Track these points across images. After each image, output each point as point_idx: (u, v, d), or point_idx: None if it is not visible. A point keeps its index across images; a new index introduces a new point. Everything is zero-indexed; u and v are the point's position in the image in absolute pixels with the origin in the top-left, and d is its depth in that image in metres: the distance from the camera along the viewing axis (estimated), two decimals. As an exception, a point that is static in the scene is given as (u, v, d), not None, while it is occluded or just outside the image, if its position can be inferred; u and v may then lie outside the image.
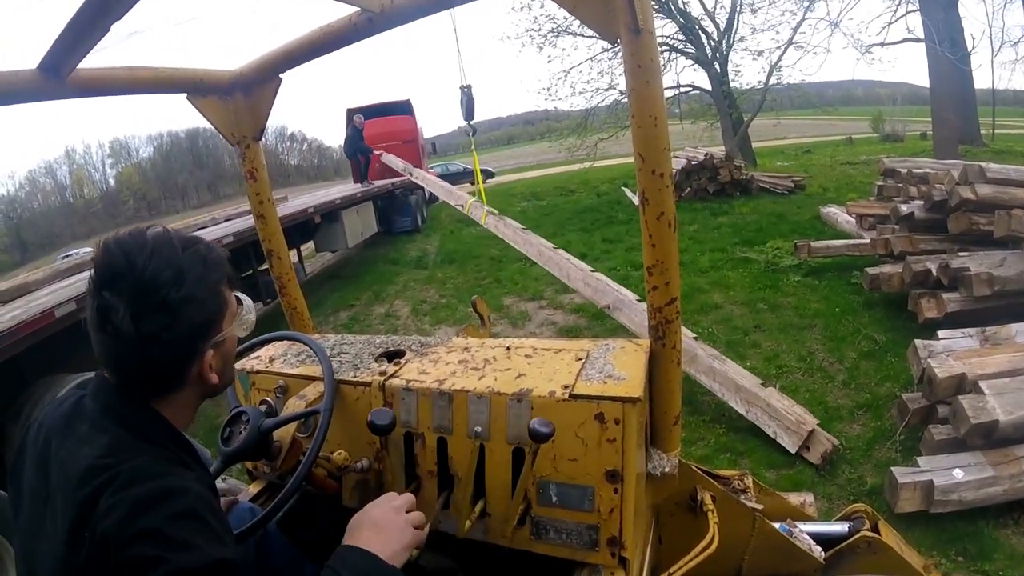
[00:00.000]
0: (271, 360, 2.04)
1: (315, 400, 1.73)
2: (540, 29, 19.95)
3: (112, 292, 1.03)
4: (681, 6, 19.44)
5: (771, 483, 3.40)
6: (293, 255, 11.60)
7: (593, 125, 21.20)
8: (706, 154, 13.49)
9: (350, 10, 1.70)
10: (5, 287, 6.76)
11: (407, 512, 1.23)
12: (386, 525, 1.19)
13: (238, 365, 2.01)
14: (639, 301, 5.49)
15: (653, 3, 18.62)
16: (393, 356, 1.90)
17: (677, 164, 13.52)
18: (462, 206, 6.81)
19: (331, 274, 12.46)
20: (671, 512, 2.01)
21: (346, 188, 14.24)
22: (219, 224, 10.40)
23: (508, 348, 1.81)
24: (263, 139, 2.26)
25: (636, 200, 14.12)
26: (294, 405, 1.74)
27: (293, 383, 1.85)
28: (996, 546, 3.08)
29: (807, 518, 2.57)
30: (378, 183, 14.36)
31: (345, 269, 12.67)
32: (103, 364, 1.10)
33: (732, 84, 19.91)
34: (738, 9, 19.06)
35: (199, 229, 9.73)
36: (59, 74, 1.57)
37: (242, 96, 2.09)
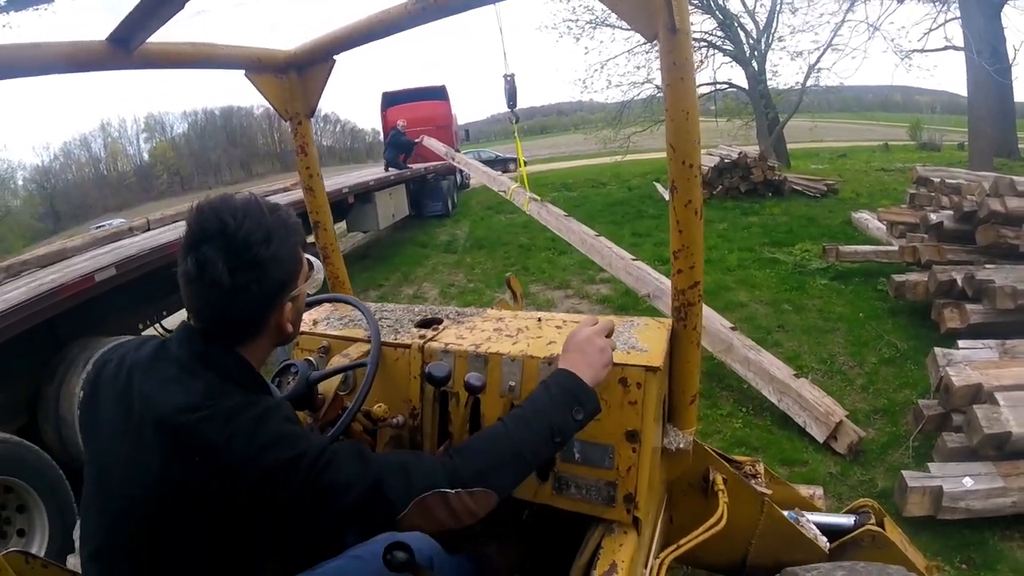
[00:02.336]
0: (315, 323, 2.16)
1: (358, 359, 1.84)
2: (578, 20, 19.78)
3: (211, 248, 1.15)
4: (720, 2, 19.24)
5: (786, 478, 3.46)
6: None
7: (627, 118, 21.02)
8: (740, 152, 13.35)
9: (406, -4, 1.78)
10: (43, 252, 6.94)
11: (606, 336, 1.44)
12: (588, 348, 1.39)
13: None
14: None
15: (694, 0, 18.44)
16: (431, 323, 2.01)
17: (710, 161, 13.47)
18: (504, 192, 6.88)
19: (362, 254, 12.59)
20: (683, 492, 2.10)
21: (379, 171, 14.34)
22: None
23: (539, 320, 1.93)
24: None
25: (667, 195, 14.04)
26: (338, 363, 1.85)
27: (335, 344, 1.98)
28: (1001, 557, 3.10)
29: (815, 509, 2.64)
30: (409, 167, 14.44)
31: (375, 250, 12.80)
32: (194, 313, 1.25)
33: (769, 83, 19.67)
34: (778, 8, 18.82)
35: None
36: (128, 47, 1.66)
37: (296, 75, 2.20)
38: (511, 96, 4.23)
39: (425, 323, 2.02)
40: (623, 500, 1.53)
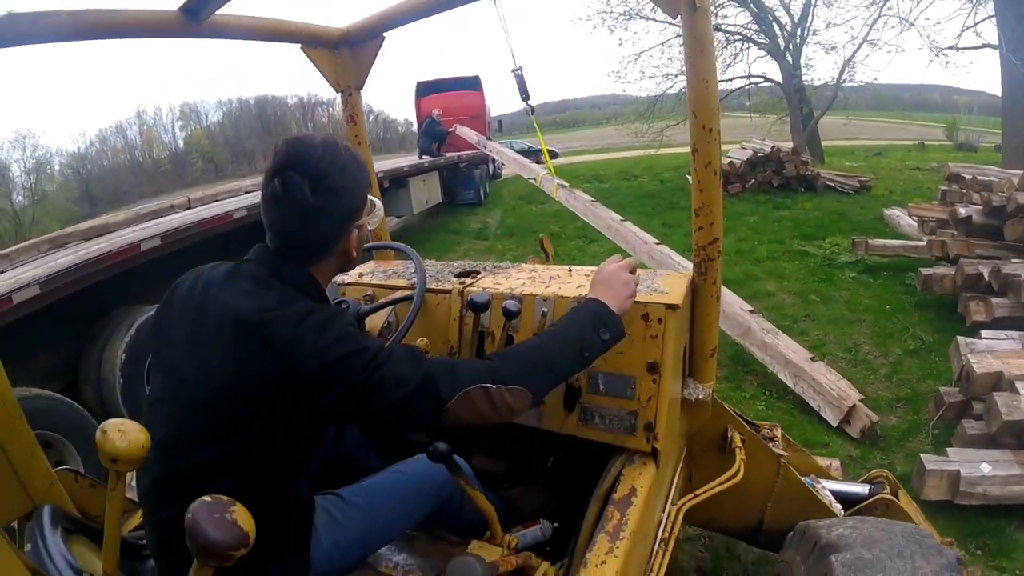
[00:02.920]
0: (360, 275, 2.33)
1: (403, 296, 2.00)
2: (612, 12, 19.50)
3: (296, 172, 1.31)
4: None
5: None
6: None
7: (661, 112, 20.86)
8: (773, 146, 13.21)
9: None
10: (87, 226, 7.17)
11: (629, 272, 1.57)
12: (613, 281, 1.54)
13: (338, 279, 2.33)
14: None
15: None
16: (469, 274, 2.16)
17: (743, 155, 13.40)
18: (535, 179, 7.00)
19: (395, 237, 12.59)
20: (703, 449, 2.21)
21: (413, 159, 14.50)
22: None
23: (570, 270, 2.09)
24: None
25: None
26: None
27: (379, 292, 2.14)
28: (1016, 546, 3.11)
29: (830, 478, 2.73)
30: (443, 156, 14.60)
31: (408, 234, 12.93)
32: (274, 232, 1.39)
33: (804, 78, 19.41)
34: (813, 2, 18.52)
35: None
36: (198, 17, 1.80)
37: (348, 51, 2.35)
38: (523, 89, 4.37)
39: (464, 274, 2.17)
40: (644, 429, 1.65)
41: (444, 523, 1.83)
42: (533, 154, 36.31)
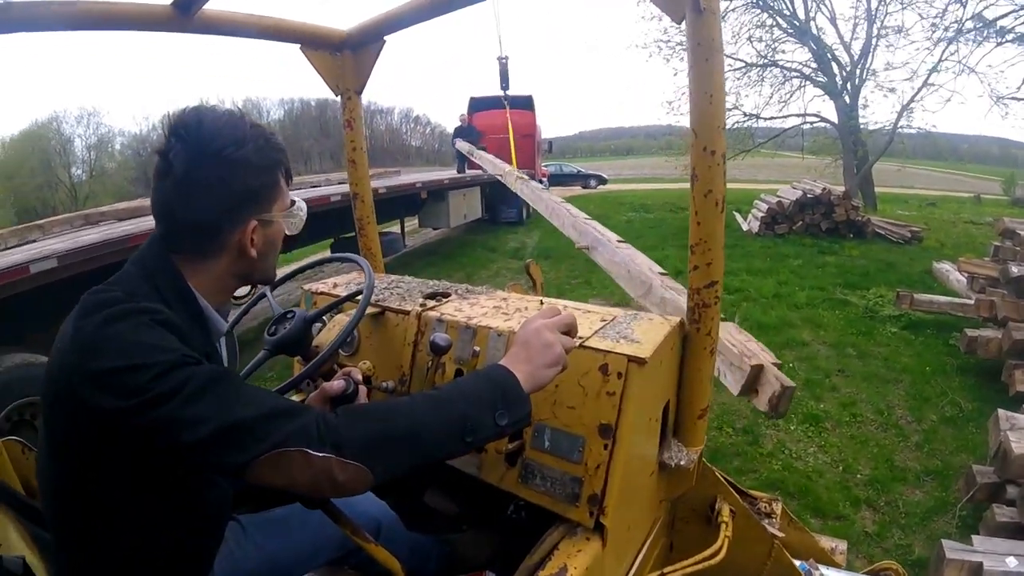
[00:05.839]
0: (334, 285, 2.20)
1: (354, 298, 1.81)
2: (669, 40, 19.41)
3: (177, 139, 1.11)
4: (816, 32, 18.74)
5: (816, 530, 3.27)
6: (396, 226, 11.97)
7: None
8: (824, 188, 12.93)
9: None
10: (123, 207, 7.27)
11: (561, 331, 1.24)
12: (533, 343, 1.20)
13: (306, 285, 2.22)
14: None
15: (787, 27, 18.03)
16: (439, 296, 2.01)
17: (792, 195, 13.18)
18: (501, 175, 6.92)
19: (430, 250, 12.80)
20: (686, 518, 1.98)
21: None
22: (332, 184, 10.85)
23: (541, 302, 1.90)
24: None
25: (745, 226, 13.84)
26: (342, 321, 1.83)
27: (350, 305, 1.94)
28: None
29: (833, 564, 2.49)
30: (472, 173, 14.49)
31: (443, 247, 13.00)
32: (155, 216, 1.20)
33: (860, 120, 19.09)
34: (873, 43, 18.26)
35: (312, 187, 10.19)
36: (188, 11, 1.72)
37: (350, 53, 2.25)
38: (504, 78, 4.42)
39: (432, 295, 2.01)
40: (587, 500, 1.41)
41: (358, 566, 1.62)
42: (582, 178, 36.53)
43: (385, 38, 2.20)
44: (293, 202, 1.29)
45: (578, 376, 1.42)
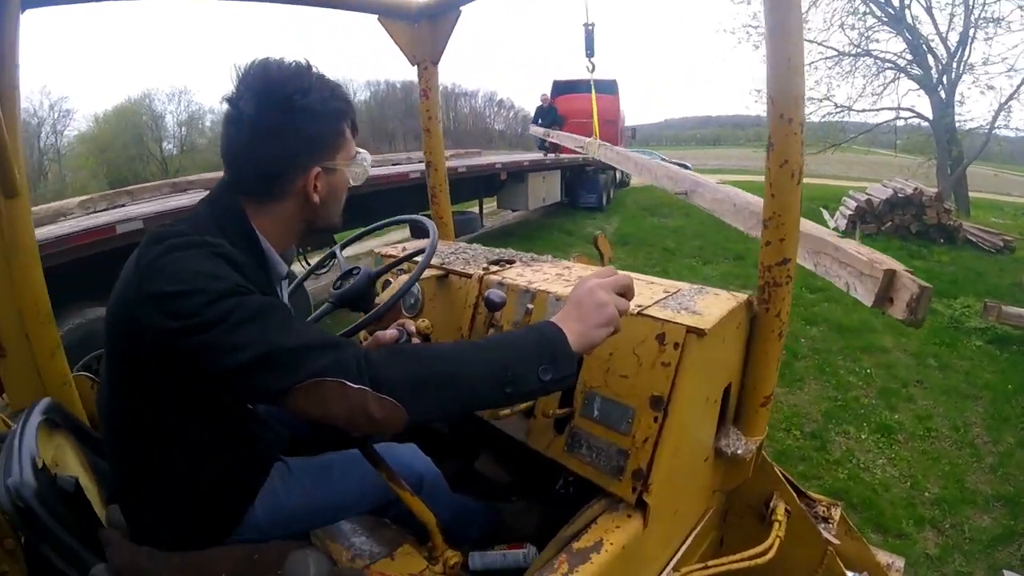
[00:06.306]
0: (404, 249, 2.19)
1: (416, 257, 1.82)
2: (759, 26, 17.75)
3: (245, 86, 1.15)
4: (911, 22, 17.34)
5: (877, 545, 3.11)
6: (475, 206, 12.03)
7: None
8: (915, 188, 12.27)
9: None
10: (209, 176, 7.52)
11: (616, 292, 1.17)
12: (585, 302, 1.15)
13: (377, 248, 2.27)
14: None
15: (882, 15, 17.00)
16: (504, 262, 2.01)
17: (882, 193, 12.59)
18: (582, 147, 6.83)
19: (507, 231, 12.79)
20: (739, 513, 1.91)
21: (536, 155, 14.47)
22: (412, 163, 11.00)
23: None
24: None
25: (832, 223, 13.27)
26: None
27: (410, 267, 1.93)
28: None
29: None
30: (567, 156, 14.40)
31: (521, 229, 12.99)
32: (224, 161, 1.23)
33: (956, 117, 17.67)
34: (971, 34, 16.75)
35: (394, 164, 10.34)
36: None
37: (426, 23, 2.27)
38: (589, 45, 4.32)
39: (497, 262, 2.01)
40: (631, 475, 1.35)
41: (396, 518, 1.61)
42: (666, 167, 35.69)
43: (461, 8, 2.20)
44: (357, 153, 1.31)
45: (633, 344, 1.37)
